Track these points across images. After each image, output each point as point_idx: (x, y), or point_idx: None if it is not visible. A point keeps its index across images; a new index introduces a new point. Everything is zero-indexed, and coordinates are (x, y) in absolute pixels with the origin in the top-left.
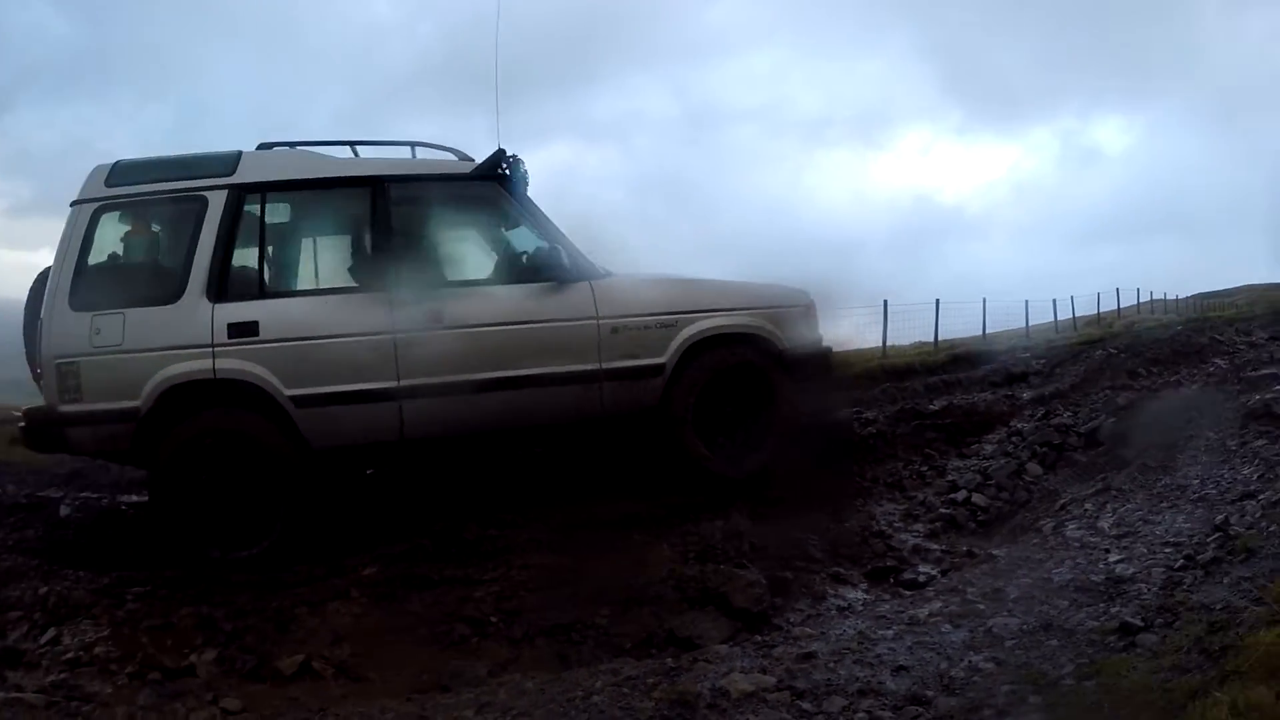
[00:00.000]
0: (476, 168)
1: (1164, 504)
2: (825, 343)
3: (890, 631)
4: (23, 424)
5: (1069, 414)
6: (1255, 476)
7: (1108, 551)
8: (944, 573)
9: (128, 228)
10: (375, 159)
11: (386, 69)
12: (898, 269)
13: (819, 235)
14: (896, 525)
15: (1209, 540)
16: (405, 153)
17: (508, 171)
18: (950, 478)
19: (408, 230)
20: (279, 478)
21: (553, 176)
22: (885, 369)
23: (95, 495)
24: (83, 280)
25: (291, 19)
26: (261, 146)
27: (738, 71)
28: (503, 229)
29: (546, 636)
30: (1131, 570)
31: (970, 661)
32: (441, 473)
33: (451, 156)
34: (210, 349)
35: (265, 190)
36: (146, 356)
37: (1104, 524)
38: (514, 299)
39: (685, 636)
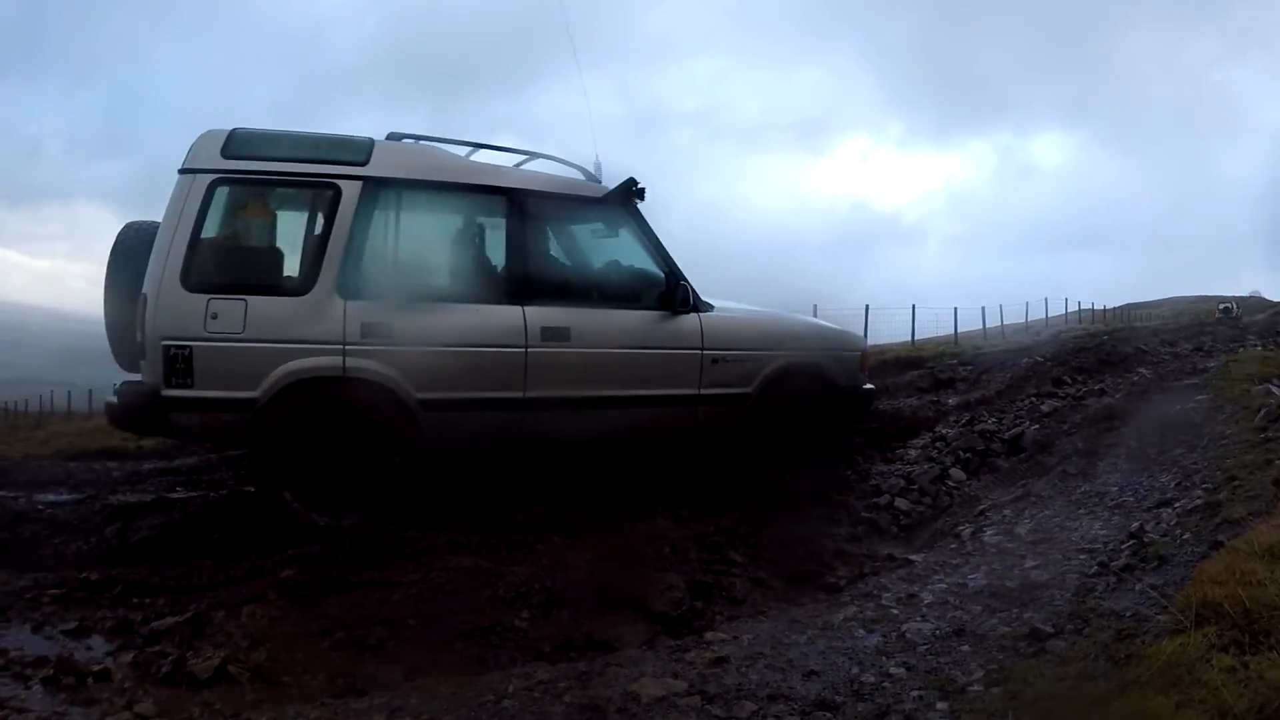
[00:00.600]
0: (609, 191)
1: (1082, 510)
2: (869, 386)
3: (804, 636)
4: (115, 401)
5: (993, 420)
6: (1173, 484)
7: (1024, 557)
8: (863, 576)
9: (248, 206)
10: (511, 169)
11: (331, 60)
12: (832, 273)
13: (755, 239)
14: (819, 529)
15: (1123, 547)
16: (530, 161)
17: (637, 198)
18: (874, 482)
19: (541, 244)
20: (390, 453)
21: None
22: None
23: (11, 494)
24: (196, 259)
25: (235, 5)
26: (390, 136)
27: (681, 75)
28: (627, 253)
29: (465, 640)
30: (1046, 576)
31: (881, 666)
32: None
33: (578, 174)
34: (342, 347)
35: (402, 186)
36: (271, 348)
37: (1022, 530)
38: (636, 324)
39: (604, 640)
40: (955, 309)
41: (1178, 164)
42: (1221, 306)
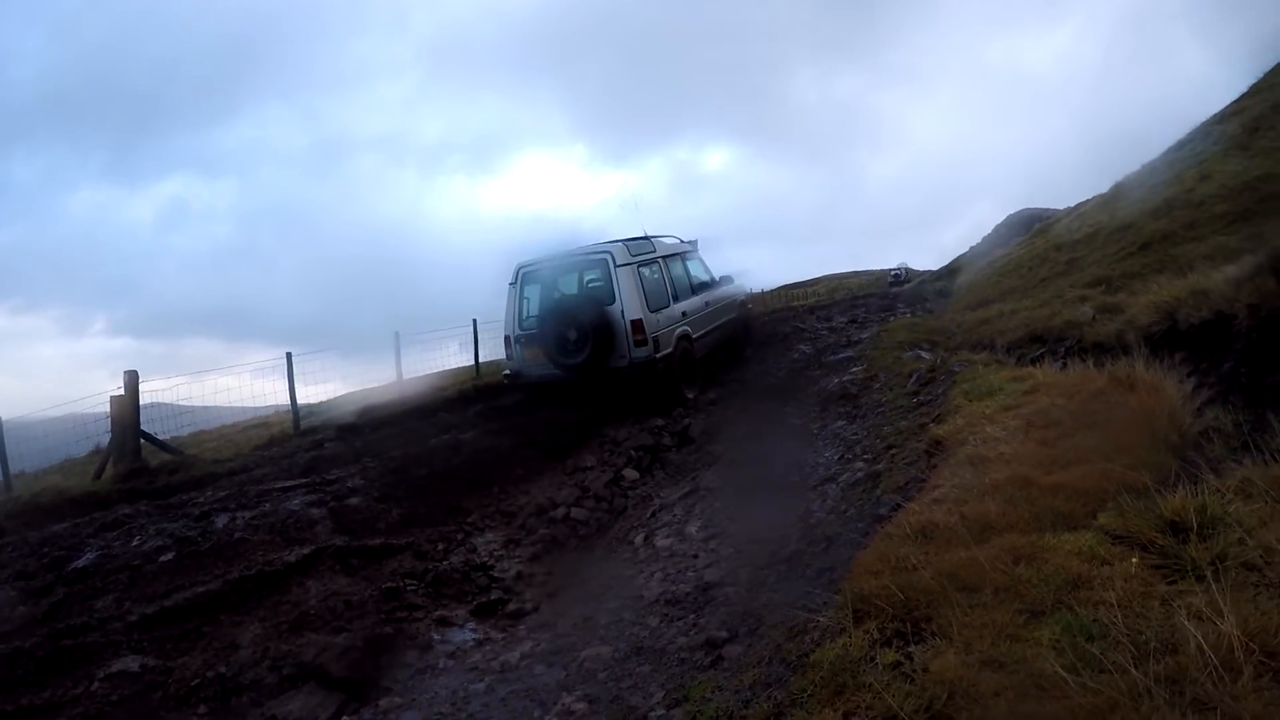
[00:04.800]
0: (691, 243)
1: (750, 498)
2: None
3: (483, 685)
4: (629, 360)
5: (661, 418)
6: (836, 458)
7: (696, 557)
8: (548, 597)
9: (643, 271)
10: (675, 241)
11: (5, 99)
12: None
13: (431, 256)
14: (498, 554)
15: (792, 532)
16: (664, 237)
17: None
18: (549, 495)
19: (689, 270)
20: (696, 366)
21: (163, 213)
22: (479, 388)
23: None
24: (646, 296)
25: None
26: (646, 236)
27: (367, 103)
28: (702, 266)
29: None
30: (719, 574)
31: (563, 704)
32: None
33: (677, 238)
34: (684, 321)
35: (667, 257)
36: (671, 329)
37: (692, 528)
38: (724, 293)
39: None
40: None
41: (829, 171)
42: (891, 275)
